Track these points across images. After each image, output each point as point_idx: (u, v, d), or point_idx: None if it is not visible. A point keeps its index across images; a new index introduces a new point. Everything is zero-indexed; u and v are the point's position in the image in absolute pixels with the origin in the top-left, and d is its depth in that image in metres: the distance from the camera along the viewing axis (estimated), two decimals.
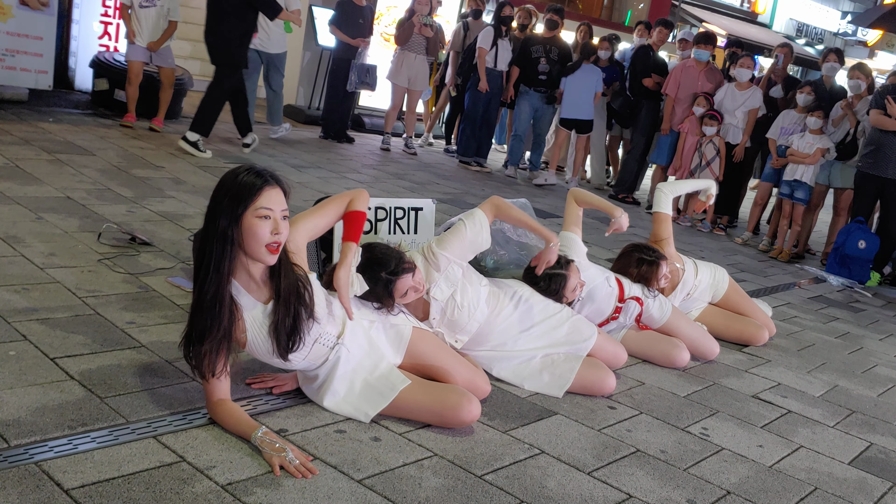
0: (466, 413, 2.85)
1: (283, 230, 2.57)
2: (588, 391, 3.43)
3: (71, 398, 2.64)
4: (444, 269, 3.31)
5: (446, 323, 3.35)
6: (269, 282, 2.69)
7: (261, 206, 2.51)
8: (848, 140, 7.46)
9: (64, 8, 8.29)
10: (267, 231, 2.53)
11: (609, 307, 3.98)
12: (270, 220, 2.53)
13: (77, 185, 5.24)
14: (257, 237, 2.52)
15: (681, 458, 3.02)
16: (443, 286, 3.31)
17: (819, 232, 8.71)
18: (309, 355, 2.79)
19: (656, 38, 9.24)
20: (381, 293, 3.04)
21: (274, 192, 2.55)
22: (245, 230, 2.51)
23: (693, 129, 8.20)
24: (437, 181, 8.03)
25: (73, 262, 3.91)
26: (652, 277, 4.09)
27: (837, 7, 24.97)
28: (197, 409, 2.71)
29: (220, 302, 2.54)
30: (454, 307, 3.33)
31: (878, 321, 5.89)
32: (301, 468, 2.42)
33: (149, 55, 7.43)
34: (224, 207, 2.51)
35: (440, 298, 3.31)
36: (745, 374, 4.13)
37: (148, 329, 3.31)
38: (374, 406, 2.84)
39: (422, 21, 8.84)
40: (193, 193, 5.63)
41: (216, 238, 2.50)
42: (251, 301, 2.67)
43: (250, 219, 2.51)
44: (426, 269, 3.29)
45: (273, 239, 2.55)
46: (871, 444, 3.49)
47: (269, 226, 2.53)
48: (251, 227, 2.51)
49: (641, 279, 4.09)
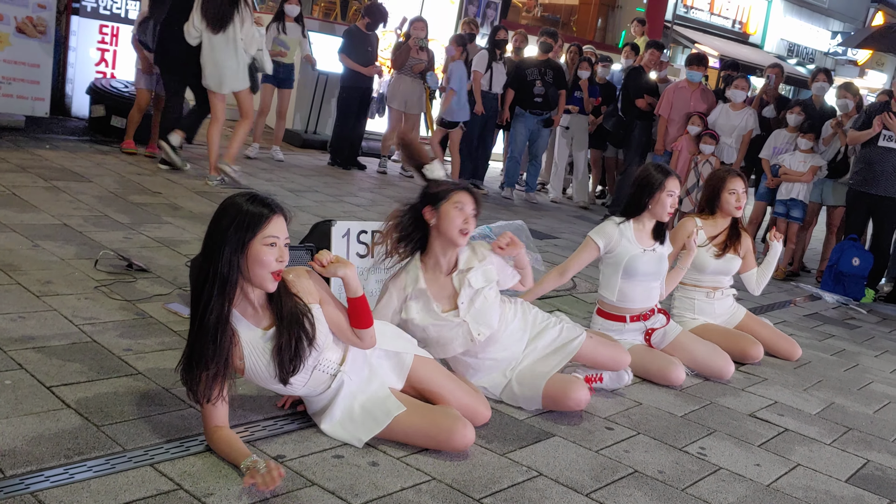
0: (460, 437, 2.85)
1: (286, 257, 2.60)
2: (557, 405, 3.38)
3: (67, 427, 2.64)
4: (485, 264, 3.35)
5: (472, 313, 3.30)
6: (269, 307, 2.70)
7: (269, 235, 2.55)
8: (839, 158, 7.51)
9: (61, 35, 8.33)
10: (273, 258, 2.55)
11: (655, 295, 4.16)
12: (276, 247, 2.57)
13: (74, 212, 5.25)
14: (263, 264, 2.55)
15: (679, 479, 3.02)
16: (479, 277, 3.32)
17: (813, 249, 8.73)
18: (309, 381, 2.79)
19: (648, 59, 9.33)
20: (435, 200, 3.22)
21: (279, 220, 2.59)
22: (251, 257, 2.54)
23: (687, 149, 8.24)
24: None
25: (69, 289, 3.92)
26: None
27: (828, 27, 25.16)
28: (194, 437, 2.71)
29: (222, 329, 2.55)
30: (483, 299, 3.32)
31: (874, 338, 5.90)
32: (266, 477, 2.37)
33: (155, 84, 7.47)
34: (229, 235, 2.52)
35: (475, 286, 3.30)
36: (742, 392, 4.13)
37: (145, 356, 3.31)
38: (368, 431, 2.84)
39: (418, 44, 8.91)
40: (190, 219, 5.64)
41: (220, 265, 2.52)
42: (249, 327, 2.68)
43: (258, 246, 2.54)
44: (470, 256, 3.34)
45: (278, 267, 2.58)
46: (867, 462, 3.49)
47: (275, 253, 2.56)
48: (258, 254, 2.54)
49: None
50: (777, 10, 23.19)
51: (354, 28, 8.99)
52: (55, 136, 7.76)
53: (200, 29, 6.71)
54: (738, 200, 4.61)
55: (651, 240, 4.11)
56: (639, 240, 4.07)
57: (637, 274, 4.05)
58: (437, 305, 3.28)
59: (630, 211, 4.12)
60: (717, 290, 4.71)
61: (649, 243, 4.10)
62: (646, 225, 4.11)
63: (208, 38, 6.73)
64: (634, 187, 4.13)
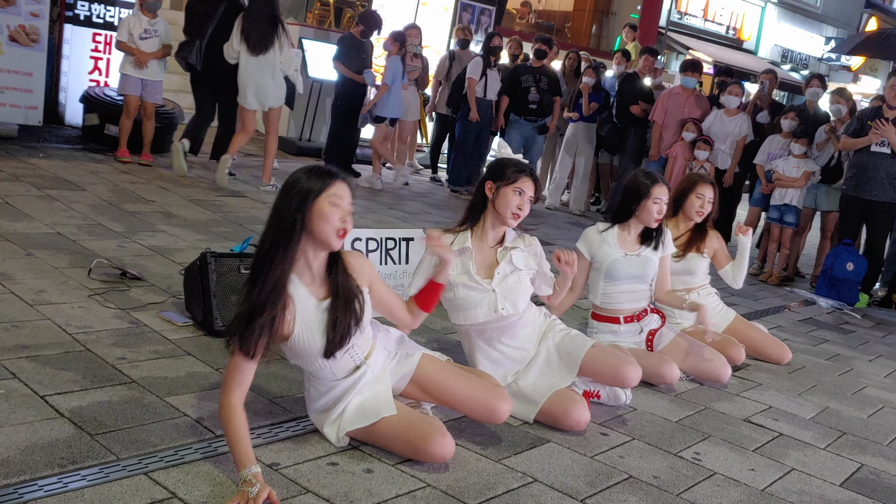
0: (438, 447, 2.78)
1: (349, 223, 2.66)
2: (555, 423, 3.33)
3: (61, 436, 2.63)
4: (531, 251, 3.54)
5: (504, 287, 3.42)
6: (327, 280, 2.75)
7: (334, 194, 2.62)
8: (833, 164, 7.54)
9: (54, 44, 8.33)
10: (337, 217, 2.62)
11: (643, 297, 4.17)
12: (340, 208, 2.63)
13: (67, 221, 5.25)
14: (328, 220, 2.60)
15: (673, 484, 3.02)
16: (521, 258, 3.49)
17: (807, 255, 8.75)
18: (338, 363, 2.80)
19: (642, 65, 9.35)
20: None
21: (345, 185, 2.67)
22: (316, 213, 2.60)
23: (682, 155, 8.26)
24: (429, 210, 8.07)
25: (63, 298, 3.91)
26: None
27: (821, 33, 25.24)
28: (188, 445, 2.71)
29: (281, 286, 2.60)
30: (517, 278, 3.45)
31: (868, 342, 5.91)
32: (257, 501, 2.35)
33: (141, 89, 7.47)
34: (293, 196, 2.60)
35: (516, 264, 3.46)
36: (737, 397, 4.14)
37: (139, 364, 3.31)
38: (351, 425, 2.83)
39: (412, 51, 8.92)
40: (185, 227, 5.64)
41: (285, 222, 2.59)
42: (307, 294, 2.71)
43: (322, 203, 2.60)
44: (518, 238, 3.54)
45: (342, 225, 2.64)
46: (861, 466, 3.50)
47: (339, 213, 2.63)
48: (322, 210, 2.60)
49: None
50: (771, 16, 23.27)
51: (349, 35, 9.00)
52: (49, 144, 7.76)
53: (238, 50, 7.24)
54: (703, 206, 4.66)
55: (637, 244, 4.15)
56: (621, 244, 4.13)
57: (619, 277, 4.10)
58: (474, 267, 3.41)
59: (618, 217, 4.20)
60: (691, 291, 4.72)
61: (633, 248, 4.14)
62: (632, 231, 4.17)
63: (247, 58, 7.25)
64: (623, 194, 4.20)
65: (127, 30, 7.41)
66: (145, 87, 7.49)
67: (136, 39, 7.40)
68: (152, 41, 7.47)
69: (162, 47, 7.54)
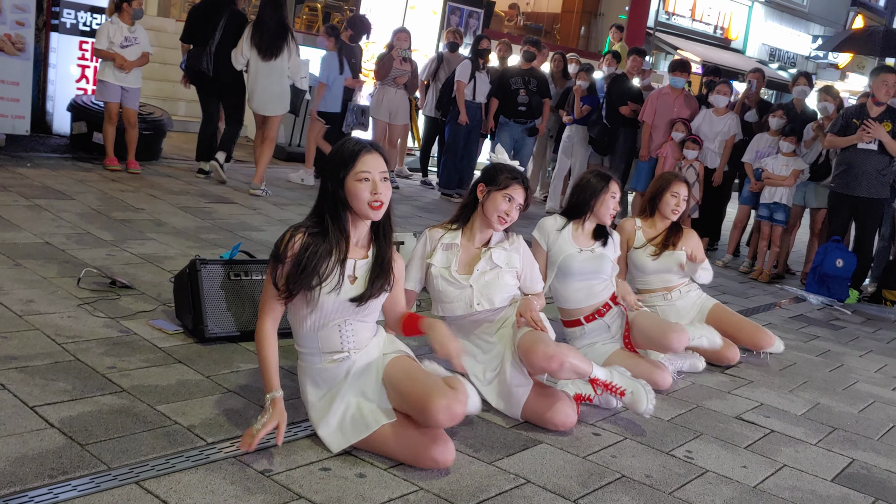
0: (439, 453, 2.79)
1: (383, 190, 2.85)
2: (540, 423, 3.34)
3: (51, 446, 2.62)
4: (514, 251, 3.64)
5: (481, 283, 3.55)
6: (368, 244, 2.99)
7: (360, 171, 2.82)
8: (821, 161, 7.57)
9: (40, 52, 8.31)
10: (367, 192, 2.82)
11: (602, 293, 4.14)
12: (370, 181, 2.82)
13: (56, 230, 5.23)
14: (359, 198, 2.82)
15: (666, 482, 3.03)
16: (502, 256, 3.62)
17: (797, 252, 8.79)
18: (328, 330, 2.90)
19: (630, 66, 9.37)
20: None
21: (372, 156, 2.85)
22: (349, 192, 2.83)
23: (672, 154, 8.28)
24: (420, 214, 8.07)
25: (52, 308, 3.90)
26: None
27: (808, 31, 25.36)
28: (180, 453, 2.70)
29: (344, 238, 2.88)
30: (496, 276, 3.57)
31: (858, 338, 5.93)
32: (250, 439, 2.71)
33: (120, 96, 7.43)
34: (330, 174, 2.86)
35: (495, 261, 3.59)
36: (728, 395, 4.15)
37: (129, 373, 3.30)
38: (357, 435, 2.84)
39: (401, 55, 8.93)
40: (174, 235, 5.63)
41: (329, 199, 2.86)
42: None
43: (352, 182, 2.82)
44: (504, 239, 3.66)
45: (374, 198, 2.83)
46: (853, 461, 3.51)
47: (369, 187, 2.82)
48: (352, 188, 2.82)
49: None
50: (758, 15, 23.37)
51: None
52: (36, 154, 7.73)
53: (248, 56, 7.44)
54: (678, 205, 4.70)
55: (590, 240, 4.17)
56: (576, 240, 4.14)
57: (573, 273, 4.10)
58: (456, 264, 3.56)
59: (573, 213, 4.20)
60: (672, 289, 4.75)
61: (587, 244, 4.15)
62: (586, 227, 4.18)
63: (256, 64, 7.45)
64: (577, 190, 4.22)
65: (107, 37, 7.35)
66: (125, 94, 7.46)
67: (116, 48, 7.37)
68: (133, 49, 7.44)
69: (142, 55, 7.52)
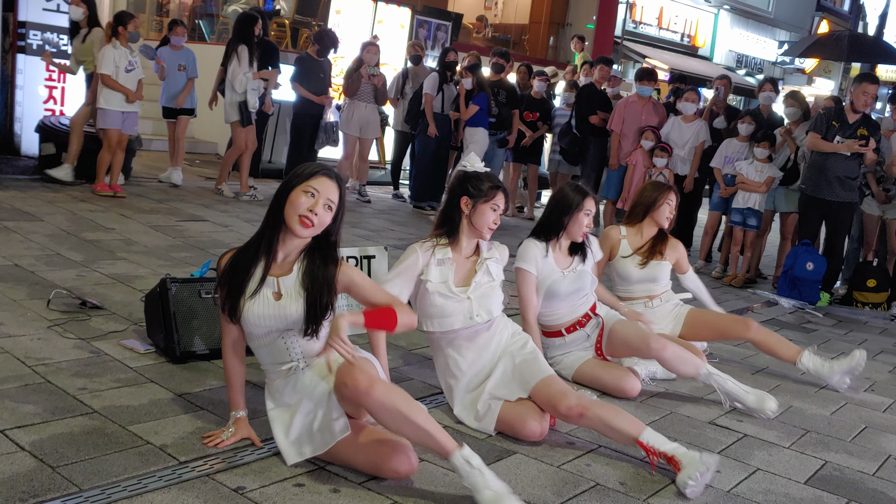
0: (399, 463, 2.78)
1: (320, 212, 2.81)
2: (513, 433, 3.36)
3: (22, 469, 2.59)
4: (499, 262, 3.67)
5: (479, 294, 3.54)
6: (294, 263, 2.93)
7: (310, 185, 2.82)
8: (789, 165, 7.67)
9: (7, 74, 8.26)
10: (304, 205, 2.79)
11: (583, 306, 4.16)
12: (313, 199, 2.80)
13: (25, 252, 5.18)
14: (294, 207, 2.80)
15: (640, 489, 3.04)
16: (495, 267, 3.64)
17: (768, 256, 8.88)
18: (273, 346, 2.93)
19: (598, 75, 9.46)
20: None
21: (328, 181, 2.85)
22: (289, 199, 2.82)
23: (642, 162, 8.35)
24: (392, 227, 8.08)
25: (21, 330, 3.86)
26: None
27: (774, 37, 25.70)
28: (152, 473, 2.68)
29: (251, 266, 2.89)
30: (491, 287, 3.59)
31: (830, 340, 6.00)
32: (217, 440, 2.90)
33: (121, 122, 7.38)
34: (284, 183, 2.88)
35: (492, 273, 3.61)
36: (702, 401, 4.18)
37: (101, 394, 3.27)
38: (302, 453, 2.82)
39: (369, 72, 8.95)
40: (145, 254, 5.59)
41: (271, 211, 2.88)
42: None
43: (297, 192, 2.82)
44: (491, 248, 3.68)
45: (307, 213, 2.79)
46: (825, 463, 3.55)
47: (309, 203, 2.80)
48: (294, 197, 2.81)
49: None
50: (724, 22, 23.67)
51: (306, 55, 9.02)
52: (4, 175, 7.66)
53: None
54: (671, 213, 4.81)
55: (568, 258, 4.15)
56: (557, 262, 4.11)
57: (559, 295, 4.09)
58: (452, 278, 3.54)
59: (549, 233, 4.12)
60: (654, 297, 4.79)
61: (567, 263, 4.14)
62: (562, 245, 4.15)
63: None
64: (552, 208, 4.15)
65: (113, 63, 7.27)
66: (125, 120, 7.43)
67: (122, 72, 7.33)
68: (135, 72, 7.45)
69: (139, 82, 7.52)
